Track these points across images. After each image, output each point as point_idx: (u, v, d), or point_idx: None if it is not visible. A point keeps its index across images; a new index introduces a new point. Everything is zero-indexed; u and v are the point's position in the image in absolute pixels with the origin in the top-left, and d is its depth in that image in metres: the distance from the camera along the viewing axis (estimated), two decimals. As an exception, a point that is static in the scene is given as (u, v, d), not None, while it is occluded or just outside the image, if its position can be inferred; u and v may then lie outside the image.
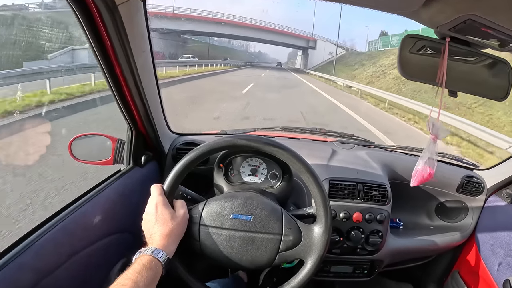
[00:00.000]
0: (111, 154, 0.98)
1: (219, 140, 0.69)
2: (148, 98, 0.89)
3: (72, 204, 0.76)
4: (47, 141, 1.09)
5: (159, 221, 0.63)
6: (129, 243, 0.92)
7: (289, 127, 1.30)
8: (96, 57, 0.72)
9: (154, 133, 1.00)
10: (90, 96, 5.54)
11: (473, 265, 1.18)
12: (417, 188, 1.16)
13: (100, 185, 0.86)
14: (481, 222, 1.17)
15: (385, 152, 1.26)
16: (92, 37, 0.68)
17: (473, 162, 1.27)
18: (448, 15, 0.46)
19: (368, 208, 0.97)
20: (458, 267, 1.28)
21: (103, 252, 0.81)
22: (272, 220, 0.67)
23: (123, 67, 0.76)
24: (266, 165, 0.96)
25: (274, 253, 0.66)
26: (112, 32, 0.68)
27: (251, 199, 0.70)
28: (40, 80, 4.85)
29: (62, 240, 0.68)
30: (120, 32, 0.69)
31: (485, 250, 1.12)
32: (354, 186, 0.98)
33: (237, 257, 0.66)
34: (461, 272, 1.25)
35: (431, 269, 1.36)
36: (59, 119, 4.13)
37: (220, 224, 0.67)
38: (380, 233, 0.98)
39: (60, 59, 7.68)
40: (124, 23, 0.68)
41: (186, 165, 0.68)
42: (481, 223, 1.17)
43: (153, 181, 1.08)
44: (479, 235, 1.17)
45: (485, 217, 1.17)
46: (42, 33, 5.02)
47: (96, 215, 0.79)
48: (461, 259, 1.27)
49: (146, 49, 0.83)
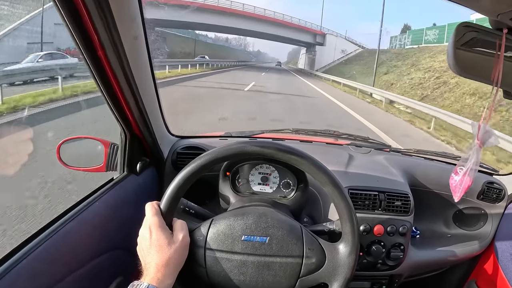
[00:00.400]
0: (104, 160, 0.87)
1: (226, 148, 0.60)
2: (143, 96, 0.77)
3: (54, 222, 0.65)
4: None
5: (153, 248, 0.54)
6: (124, 261, 0.81)
7: (300, 130, 1.21)
8: (78, 49, 0.59)
9: (151, 136, 0.89)
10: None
11: (491, 274, 1.12)
12: (435, 195, 1.09)
13: (88, 198, 0.75)
14: (501, 230, 1.12)
15: (402, 156, 1.18)
16: (70, 23, 0.55)
17: (493, 167, 1.20)
18: None
19: (390, 220, 0.89)
20: (475, 276, 1.22)
21: (93, 274, 0.71)
22: (291, 241, 0.58)
23: (110, 57, 0.63)
24: (278, 173, 0.86)
25: (294, 279, 0.58)
26: (96, 16, 0.55)
27: (265, 216, 0.60)
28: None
29: (40, 268, 0.57)
30: (106, 15, 0.56)
31: (504, 259, 1.06)
32: (376, 195, 0.90)
33: (250, 285, 0.57)
34: (478, 282, 1.19)
35: (447, 279, 1.30)
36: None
37: (230, 247, 0.58)
38: (402, 247, 0.90)
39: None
40: (110, 4, 0.55)
41: (187, 178, 0.58)
42: (501, 231, 1.12)
43: (151, 190, 0.98)
44: (498, 243, 1.11)
45: (505, 225, 1.11)
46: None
47: (83, 235, 0.68)
48: (478, 268, 1.21)
49: (139, 36, 0.70)
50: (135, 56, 0.69)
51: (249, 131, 1.16)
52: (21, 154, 1.12)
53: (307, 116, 7.29)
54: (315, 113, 7.95)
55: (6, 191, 2.19)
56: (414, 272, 1.04)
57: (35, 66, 5.26)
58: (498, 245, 1.10)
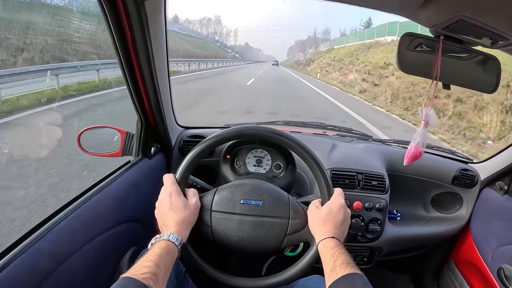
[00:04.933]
0: (120, 146, 1.00)
1: (228, 130, 0.73)
2: (161, 91, 0.92)
3: (85, 193, 0.79)
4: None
5: (173, 209, 0.66)
6: (138, 232, 0.95)
7: (291, 121, 1.35)
8: (116, 51, 0.76)
9: (163, 125, 1.03)
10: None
11: (468, 255, 1.22)
12: (414, 180, 1.20)
13: (111, 175, 0.89)
14: (475, 213, 1.22)
15: (382, 145, 1.30)
16: (115, 31, 0.71)
17: (468, 156, 1.32)
18: (441, 16, 0.50)
19: (368, 197, 1.02)
20: (453, 257, 1.32)
21: (114, 240, 0.84)
22: (279, 205, 0.71)
23: (142, 61, 0.79)
24: (270, 156, 1.00)
25: (282, 236, 0.70)
26: (136, 27, 0.71)
27: (259, 185, 0.74)
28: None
29: (77, 227, 0.71)
30: (144, 27, 0.73)
31: (479, 240, 1.17)
32: (354, 176, 1.03)
33: (247, 240, 0.70)
34: (457, 262, 1.29)
35: (427, 260, 1.40)
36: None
37: (231, 209, 0.70)
38: (379, 221, 1.03)
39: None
40: (148, 19, 0.72)
41: (197, 155, 0.72)
42: (475, 214, 1.22)
43: (161, 172, 1.12)
44: (474, 226, 1.21)
45: (479, 208, 1.21)
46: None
47: (108, 204, 0.82)
48: (456, 249, 1.31)
49: (163, 44, 0.87)
50: (159, 59, 0.86)
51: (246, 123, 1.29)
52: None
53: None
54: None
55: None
56: (393, 248, 1.15)
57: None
58: (473, 227, 1.21)
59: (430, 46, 0.60)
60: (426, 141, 0.69)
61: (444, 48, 0.58)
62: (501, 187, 1.13)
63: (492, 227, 1.12)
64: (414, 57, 0.61)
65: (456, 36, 0.57)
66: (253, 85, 12.25)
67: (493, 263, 1.06)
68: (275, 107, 7.17)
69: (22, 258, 0.58)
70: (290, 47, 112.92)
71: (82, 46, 4.64)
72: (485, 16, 0.47)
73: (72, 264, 0.67)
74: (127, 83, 0.85)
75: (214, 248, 0.78)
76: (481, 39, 0.57)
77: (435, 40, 0.59)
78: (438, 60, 0.59)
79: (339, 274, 0.56)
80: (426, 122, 0.65)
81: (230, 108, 6.55)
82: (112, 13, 0.68)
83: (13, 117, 3.41)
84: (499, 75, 0.62)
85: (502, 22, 0.48)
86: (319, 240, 0.65)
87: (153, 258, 0.55)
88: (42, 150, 2.52)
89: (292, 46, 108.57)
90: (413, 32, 0.58)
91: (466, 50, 0.61)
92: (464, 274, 1.23)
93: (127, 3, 0.67)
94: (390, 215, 1.19)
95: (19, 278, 0.55)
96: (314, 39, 70.48)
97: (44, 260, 0.61)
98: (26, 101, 3.79)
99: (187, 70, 16.51)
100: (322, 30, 60.40)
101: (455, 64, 0.62)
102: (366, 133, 1.36)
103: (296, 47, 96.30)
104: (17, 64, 4.00)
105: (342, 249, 0.62)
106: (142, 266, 0.53)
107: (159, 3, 0.77)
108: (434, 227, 1.20)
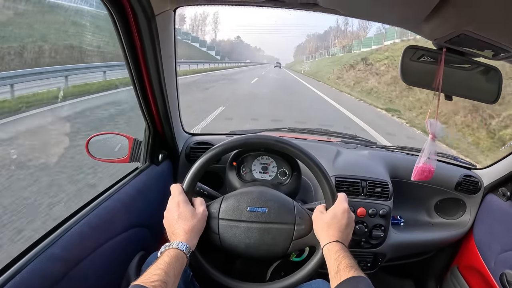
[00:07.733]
0: (128, 152, 1.01)
1: (233, 139, 0.74)
2: (169, 99, 0.95)
3: (95, 199, 0.81)
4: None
5: (181, 218, 0.67)
6: (145, 237, 0.96)
7: (295, 128, 1.36)
8: (126, 61, 0.78)
9: (171, 132, 1.05)
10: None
11: (471, 260, 1.22)
12: (417, 186, 1.21)
13: (120, 181, 0.91)
14: (479, 219, 1.22)
15: (386, 152, 1.31)
16: (125, 42, 0.73)
17: (471, 162, 1.33)
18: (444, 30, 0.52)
19: (371, 204, 1.03)
20: (457, 263, 1.32)
21: (123, 245, 0.85)
22: (285, 211, 0.73)
23: (151, 71, 0.82)
24: (276, 163, 1.02)
25: (288, 242, 0.71)
26: (147, 39, 0.74)
27: (265, 192, 0.75)
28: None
29: (87, 233, 0.72)
30: (154, 40, 0.75)
31: (482, 245, 1.17)
32: (358, 183, 1.04)
33: (254, 246, 0.71)
34: (460, 268, 1.29)
35: (431, 265, 1.40)
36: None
37: (238, 217, 0.72)
38: (383, 227, 1.04)
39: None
40: (158, 32, 0.75)
41: (204, 164, 0.73)
42: (479, 220, 1.22)
43: (168, 178, 1.14)
44: (477, 231, 1.22)
45: (482, 214, 1.22)
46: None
47: (117, 210, 0.83)
48: (459, 255, 1.32)
49: (172, 54, 0.90)
50: (168, 68, 0.89)
51: (252, 130, 1.31)
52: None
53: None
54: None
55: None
56: (396, 253, 1.16)
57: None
58: (476, 233, 1.21)
59: (433, 58, 0.61)
60: (435, 156, 0.69)
61: (447, 59, 0.60)
62: (504, 193, 1.14)
63: (495, 233, 1.12)
64: (417, 68, 0.62)
65: (458, 49, 0.58)
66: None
67: (496, 269, 1.07)
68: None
69: (35, 264, 0.59)
70: (298, 45, 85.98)
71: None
72: (488, 31, 0.49)
73: (83, 269, 0.68)
74: (136, 92, 0.88)
75: (221, 255, 0.80)
76: (483, 51, 0.59)
77: (437, 52, 0.61)
78: (440, 71, 0.60)
79: (343, 277, 0.57)
80: (433, 135, 0.66)
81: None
82: (123, 27, 0.70)
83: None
84: (500, 86, 0.63)
85: (505, 36, 0.50)
86: (324, 244, 0.67)
87: (162, 266, 0.56)
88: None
89: (301, 43, 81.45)
90: (416, 44, 0.60)
91: (468, 61, 0.62)
92: (467, 280, 1.23)
93: (138, 17, 0.69)
94: (394, 221, 1.20)
95: (32, 284, 0.56)
96: (338, 32, 45.28)
97: (56, 266, 0.62)
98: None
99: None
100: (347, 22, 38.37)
101: (457, 75, 0.64)
102: (370, 140, 1.37)
103: (307, 44, 69.62)
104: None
105: (346, 252, 0.63)
106: (151, 274, 0.54)
107: (169, 17, 0.80)
108: (437, 232, 1.21)
